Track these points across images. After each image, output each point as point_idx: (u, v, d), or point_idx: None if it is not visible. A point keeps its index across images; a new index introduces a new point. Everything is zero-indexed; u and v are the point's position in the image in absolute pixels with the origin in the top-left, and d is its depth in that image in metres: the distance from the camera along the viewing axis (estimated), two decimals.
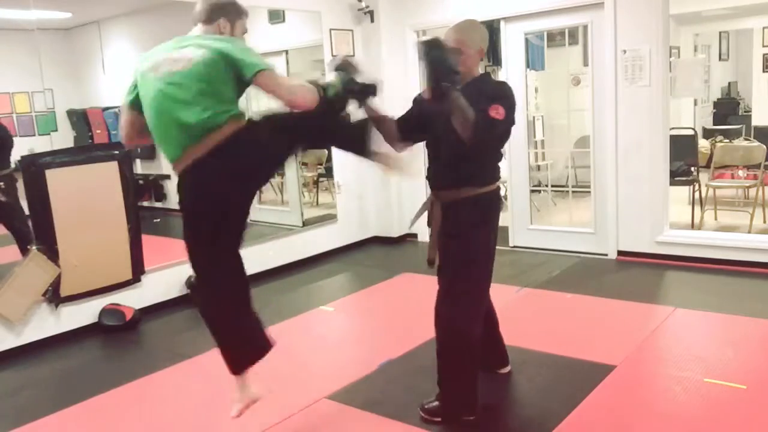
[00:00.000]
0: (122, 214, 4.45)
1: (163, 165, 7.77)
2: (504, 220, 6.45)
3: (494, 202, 2.83)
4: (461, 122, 2.46)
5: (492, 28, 7.60)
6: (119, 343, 4.26)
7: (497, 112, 2.52)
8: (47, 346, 4.16)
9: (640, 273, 4.95)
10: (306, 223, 6.23)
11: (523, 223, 5.93)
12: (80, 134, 9.06)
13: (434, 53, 2.34)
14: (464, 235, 2.75)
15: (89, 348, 4.21)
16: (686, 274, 4.84)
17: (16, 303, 4.01)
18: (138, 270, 4.60)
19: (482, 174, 2.75)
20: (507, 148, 5.93)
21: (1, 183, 4.88)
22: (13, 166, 5.71)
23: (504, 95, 2.64)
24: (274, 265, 5.54)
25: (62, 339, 4.25)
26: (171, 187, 7.65)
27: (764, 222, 6.07)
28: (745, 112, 10.52)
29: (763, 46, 9.49)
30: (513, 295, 4.62)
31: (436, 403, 2.89)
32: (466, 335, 2.79)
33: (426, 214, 2.94)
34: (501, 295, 4.64)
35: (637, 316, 4.06)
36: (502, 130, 2.64)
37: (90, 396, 3.42)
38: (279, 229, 6.01)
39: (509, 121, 2.60)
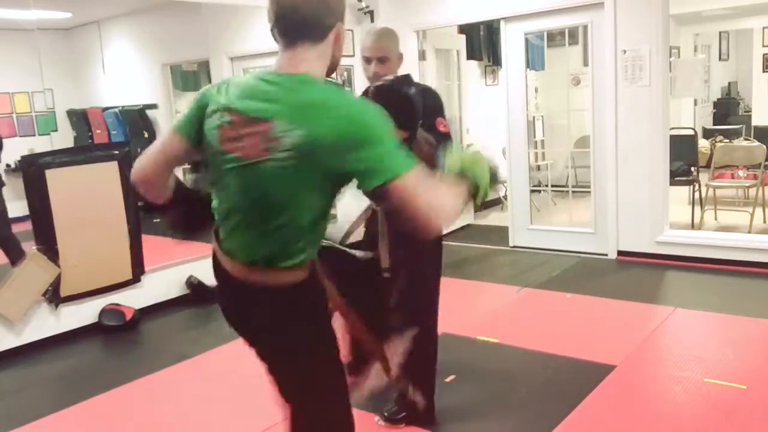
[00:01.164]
0: (122, 214, 4.45)
1: None
2: (504, 220, 6.49)
3: None
4: (426, 150, 2.44)
5: (492, 28, 7.64)
6: (119, 343, 4.26)
7: (444, 125, 2.58)
8: (47, 346, 4.16)
9: (640, 273, 4.95)
10: None
11: (523, 223, 5.93)
12: (80, 134, 9.09)
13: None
14: (423, 245, 2.68)
15: (89, 348, 4.21)
16: (686, 274, 4.84)
17: (16, 303, 4.01)
18: (138, 270, 4.60)
19: None
20: (507, 148, 6.00)
21: None
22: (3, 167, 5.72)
23: (440, 105, 2.67)
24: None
25: (62, 339, 4.24)
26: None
27: (764, 222, 6.07)
28: (745, 112, 10.52)
29: (763, 46, 9.49)
30: (513, 295, 4.62)
31: (396, 408, 2.85)
32: (436, 336, 2.85)
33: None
34: (501, 295, 4.66)
35: (637, 316, 4.06)
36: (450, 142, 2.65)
37: (90, 396, 3.42)
38: None
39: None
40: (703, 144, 7.13)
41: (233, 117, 1.47)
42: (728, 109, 10.70)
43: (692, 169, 6.27)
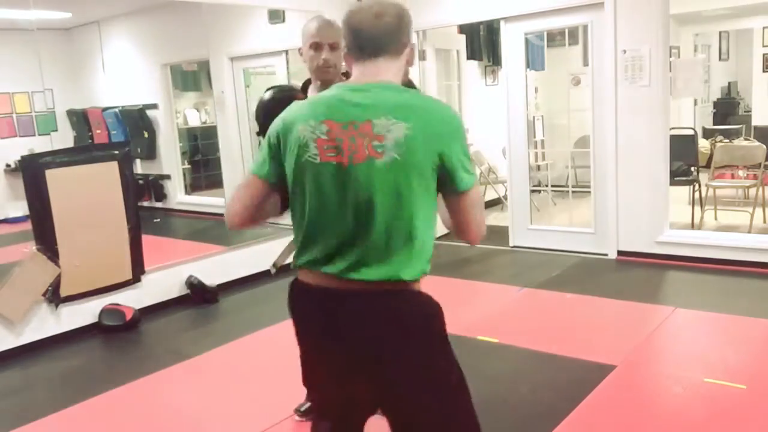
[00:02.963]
0: (122, 214, 4.45)
1: (164, 165, 7.78)
2: (504, 220, 6.48)
3: None
4: None
5: (492, 28, 7.64)
6: (119, 343, 4.26)
7: None
8: (47, 346, 4.16)
9: (640, 273, 4.95)
10: None
11: (523, 223, 5.93)
12: (80, 134, 9.08)
13: None
14: None
15: (89, 348, 4.21)
16: (686, 274, 4.84)
17: (16, 303, 4.01)
18: (138, 270, 4.60)
19: None
20: (507, 148, 6.00)
21: None
22: None
23: None
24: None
25: (62, 339, 4.24)
26: (171, 187, 7.67)
27: (764, 222, 6.07)
28: (745, 112, 10.52)
29: (763, 46, 9.49)
30: (513, 295, 4.62)
31: None
32: None
33: None
34: (501, 295, 4.66)
35: (637, 316, 4.06)
36: None
37: (90, 396, 3.42)
38: (280, 230, 6.00)
39: None
40: (703, 144, 7.13)
41: (329, 126, 1.49)
42: (728, 109, 10.70)
43: (692, 169, 6.27)
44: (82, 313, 4.36)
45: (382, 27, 1.53)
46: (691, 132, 6.64)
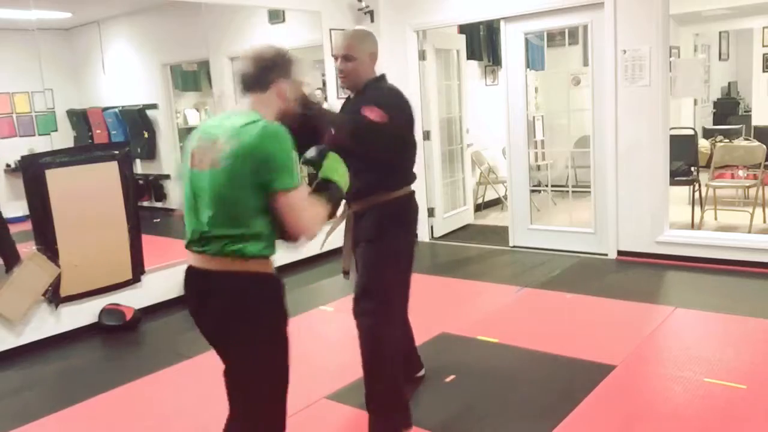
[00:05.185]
0: (122, 214, 4.45)
1: (163, 165, 7.78)
2: (504, 220, 6.49)
3: (406, 206, 2.78)
4: (336, 128, 2.35)
5: (492, 28, 7.64)
6: (119, 343, 4.26)
7: (371, 111, 2.50)
8: (47, 346, 4.16)
9: (640, 273, 4.95)
10: None
11: (523, 223, 5.93)
12: (80, 134, 9.07)
13: None
14: (378, 238, 2.69)
15: (89, 348, 4.21)
16: (686, 274, 4.84)
17: (16, 303, 4.01)
18: (138, 270, 4.60)
19: (390, 180, 2.71)
20: (507, 148, 6.00)
21: None
22: None
23: (387, 102, 2.60)
24: (275, 264, 5.52)
25: (62, 339, 4.25)
26: (171, 187, 7.66)
27: (764, 222, 6.07)
28: (745, 112, 10.52)
29: (763, 46, 9.49)
30: (513, 295, 4.62)
31: None
32: (388, 341, 2.71)
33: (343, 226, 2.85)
34: (501, 295, 4.66)
35: (637, 316, 4.06)
36: (389, 134, 2.56)
37: (90, 396, 3.42)
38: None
39: (397, 124, 2.57)
40: (703, 144, 7.13)
41: (199, 144, 2.00)
42: (728, 109, 10.70)
43: (692, 169, 6.27)
44: (82, 313, 4.37)
45: (248, 71, 2.00)
46: (691, 132, 6.63)
